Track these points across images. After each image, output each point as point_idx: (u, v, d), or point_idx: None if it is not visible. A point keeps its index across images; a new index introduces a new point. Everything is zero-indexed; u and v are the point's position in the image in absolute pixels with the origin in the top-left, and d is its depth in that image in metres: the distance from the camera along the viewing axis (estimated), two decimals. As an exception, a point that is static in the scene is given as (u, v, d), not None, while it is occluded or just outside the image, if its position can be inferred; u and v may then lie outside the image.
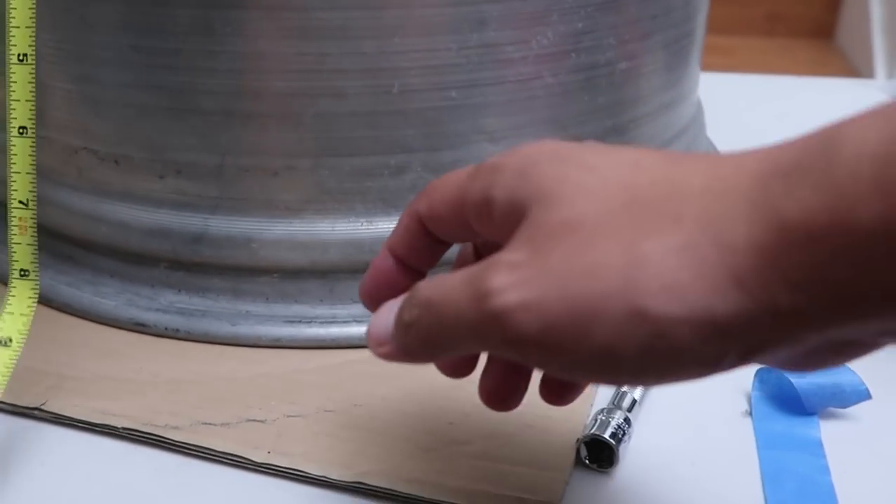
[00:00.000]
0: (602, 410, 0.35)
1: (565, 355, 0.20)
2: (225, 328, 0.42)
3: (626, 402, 0.36)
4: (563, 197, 0.21)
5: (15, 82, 0.31)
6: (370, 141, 0.39)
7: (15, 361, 0.32)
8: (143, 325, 0.42)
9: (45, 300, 0.44)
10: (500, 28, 0.39)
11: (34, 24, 0.31)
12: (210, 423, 0.36)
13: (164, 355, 0.41)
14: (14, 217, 0.32)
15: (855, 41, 2.00)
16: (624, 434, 0.34)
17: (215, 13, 0.37)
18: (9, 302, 0.34)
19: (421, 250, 0.27)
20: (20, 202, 0.32)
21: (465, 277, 0.22)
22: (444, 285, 0.22)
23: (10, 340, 0.32)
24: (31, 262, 0.33)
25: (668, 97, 0.49)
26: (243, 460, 0.34)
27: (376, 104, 0.39)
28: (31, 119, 0.32)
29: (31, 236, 0.32)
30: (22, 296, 0.33)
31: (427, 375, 0.32)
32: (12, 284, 0.33)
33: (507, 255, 0.21)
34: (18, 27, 0.31)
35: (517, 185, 0.22)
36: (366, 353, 0.26)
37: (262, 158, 0.40)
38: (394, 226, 0.28)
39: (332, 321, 0.41)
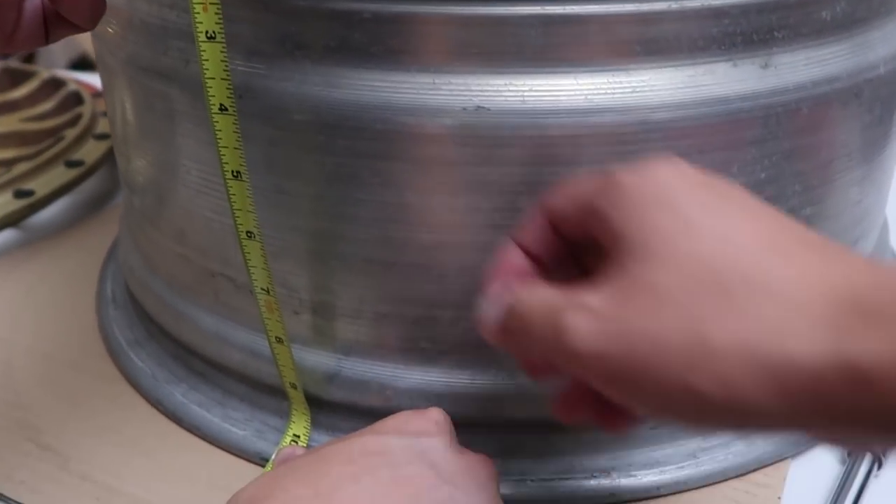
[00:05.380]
0: None
1: (625, 393, 0.24)
2: (352, 472, 0.39)
3: None
4: (657, 258, 0.24)
5: (234, 194, 0.34)
6: (518, 296, 0.36)
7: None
8: (268, 460, 0.41)
9: (175, 418, 0.43)
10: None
11: (241, 146, 0.33)
12: None
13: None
14: (260, 300, 0.37)
15: None
16: None
17: (363, 163, 0.34)
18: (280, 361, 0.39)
19: (544, 243, 0.30)
20: (262, 289, 0.37)
21: (549, 305, 0.25)
22: (534, 302, 0.26)
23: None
24: (283, 332, 0.38)
25: (857, 232, 0.43)
26: None
27: (528, 260, 0.35)
28: (256, 227, 0.35)
29: (278, 314, 0.37)
30: (284, 356, 0.39)
31: None
32: (273, 348, 0.38)
33: (591, 299, 0.24)
34: (228, 146, 0.33)
35: (628, 221, 0.25)
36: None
37: (401, 306, 0.37)
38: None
39: (465, 480, 0.39)
